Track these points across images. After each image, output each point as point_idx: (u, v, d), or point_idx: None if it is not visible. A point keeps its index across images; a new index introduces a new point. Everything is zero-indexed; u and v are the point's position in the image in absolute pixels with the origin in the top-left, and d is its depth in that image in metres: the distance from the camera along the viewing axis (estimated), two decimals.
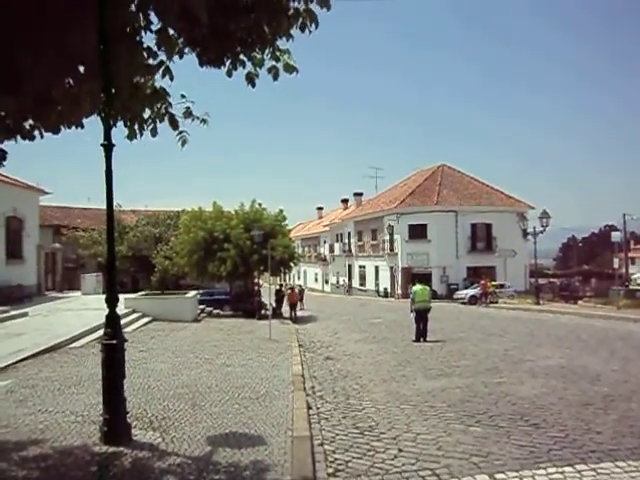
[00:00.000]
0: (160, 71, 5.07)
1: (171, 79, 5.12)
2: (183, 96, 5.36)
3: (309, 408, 7.31)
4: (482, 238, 40.14)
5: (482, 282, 31.59)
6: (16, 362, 9.51)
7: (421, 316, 14.88)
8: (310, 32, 4.64)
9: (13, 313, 15.35)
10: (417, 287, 15.49)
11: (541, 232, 29.24)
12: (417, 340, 14.57)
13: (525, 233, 33.31)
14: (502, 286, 33.56)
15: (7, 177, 21.38)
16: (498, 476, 4.92)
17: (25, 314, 15.84)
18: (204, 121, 5.50)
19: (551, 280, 39.34)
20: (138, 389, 7.89)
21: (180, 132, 5.49)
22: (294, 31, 4.68)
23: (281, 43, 4.88)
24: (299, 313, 27.59)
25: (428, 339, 14.60)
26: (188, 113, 5.41)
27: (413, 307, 15.10)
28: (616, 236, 27.91)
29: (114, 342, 5.41)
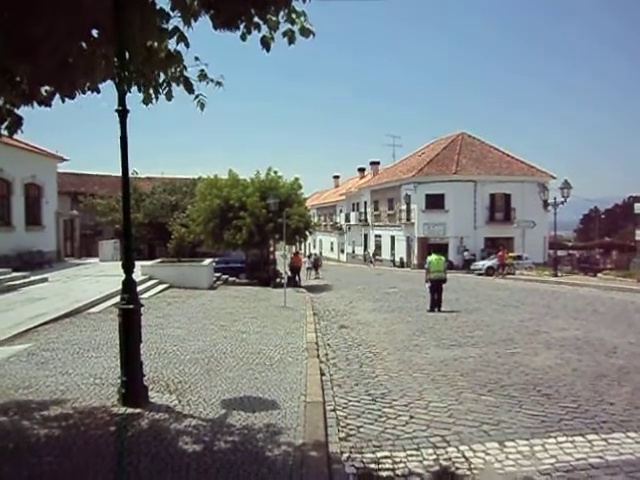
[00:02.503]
0: (175, 38, 4.97)
1: (187, 46, 5.03)
2: (197, 58, 5.27)
3: (322, 375, 7.40)
4: (501, 208, 39.66)
5: (499, 253, 31.34)
6: (37, 326, 9.72)
7: (436, 286, 14.87)
8: None
9: (33, 278, 15.64)
10: (432, 257, 15.43)
11: (562, 203, 28.58)
12: (432, 310, 14.59)
13: (545, 204, 32.79)
14: (520, 257, 33.18)
15: (25, 144, 21.52)
16: (508, 444, 4.96)
17: (45, 279, 16.14)
18: (219, 84, 5.41)
19: (570, 252, 38.83)
20: (155, 353, 8.05)
21: (197, 96, 5.43)
22: None
23: (297, 4, 4.74)
24: (314, 282, 27.79)
25: (443, 309, 14.62)
26: (203, 76, 5.33)
27: (428, 277, 15.09)
28: (639, 207, 27.09)
29: (131, 306, 5.50)
